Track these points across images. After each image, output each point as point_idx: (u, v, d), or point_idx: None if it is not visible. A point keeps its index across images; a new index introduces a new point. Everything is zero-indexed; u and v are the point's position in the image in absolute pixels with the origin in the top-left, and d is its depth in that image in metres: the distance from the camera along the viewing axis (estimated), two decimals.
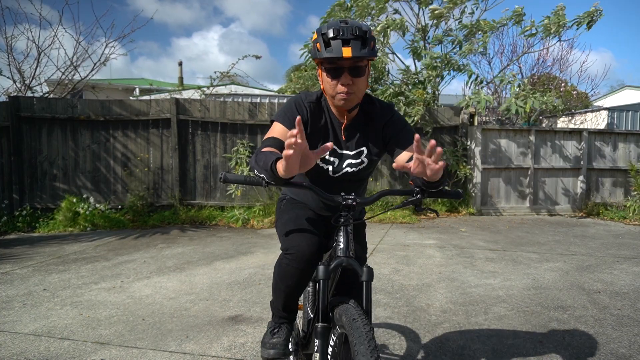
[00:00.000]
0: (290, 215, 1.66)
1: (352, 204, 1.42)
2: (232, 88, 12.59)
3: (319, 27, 1.46)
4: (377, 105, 1.61)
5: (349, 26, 1.38)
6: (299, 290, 1.62)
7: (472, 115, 7.49)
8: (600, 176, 7.71)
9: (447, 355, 2.37)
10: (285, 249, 1.56)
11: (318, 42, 1.42)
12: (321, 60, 1.44)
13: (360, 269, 1.36)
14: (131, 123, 6.78)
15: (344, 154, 1.60)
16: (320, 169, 1.61)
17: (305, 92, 1.61)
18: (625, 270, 4.04)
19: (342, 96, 1.45)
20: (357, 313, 1.26)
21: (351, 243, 1.42)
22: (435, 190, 1.38)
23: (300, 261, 1.51)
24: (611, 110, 10.24)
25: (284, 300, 1.66)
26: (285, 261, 1.55)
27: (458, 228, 6.15)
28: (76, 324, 2.82)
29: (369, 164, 1.63)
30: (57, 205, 6.39)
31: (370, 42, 1.42)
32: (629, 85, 17.57)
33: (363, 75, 1.47)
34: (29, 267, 4.23)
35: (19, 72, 7.76)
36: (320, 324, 1.35)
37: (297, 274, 1.54)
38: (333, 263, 1.38)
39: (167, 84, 17.35)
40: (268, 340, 1.67)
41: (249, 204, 6.79)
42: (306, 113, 1.55)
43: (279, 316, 1.72)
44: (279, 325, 1.71)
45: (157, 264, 4.32)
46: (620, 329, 2.72)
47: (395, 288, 3.51)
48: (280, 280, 1.61)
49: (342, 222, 1.43)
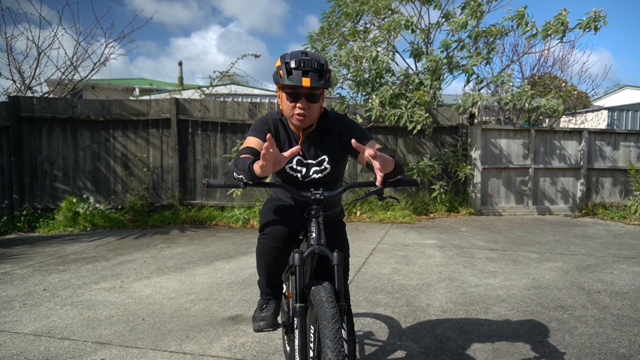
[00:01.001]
0: (269, 207, 1.92)
1: (320, 198, 1.63)
2: (232, 88, 12.59)
3: (283, 55, 1.69)
4: (331, 117, 1.85)
5: (309, 59, 1.61)
6: (278, 267, 1.86)
7: (472, 115, 7.49)
8: (600, 176, 7.71)
9: (447, 355, 2.37)
10: (261, 231, 1.82)
11: (281, 70, 1.64)
12: (283, 85, 1.66)
13: (331, 254, 1.54)
14: (131, 123, 6.78)
15: (309, 163, 1.85)
16: (291, 176, 1.86)
17: (270, 112, 1.89)
18: (625, 270, 4.04)
19: (298, 117, 1.69)
20: (325, 293, 1.43)
21: (322, 232, 1.62)
22: (392, 180, 1.61)
23: (275, 239, 1.77)
24: (611, 110, 10.25)
25: (267, 277, 1.91)
26: (262, 241, 1.81)
27: (458, 228, 6.15)
28: (76, 324, 2.82)
29: (332, 169, 1.86)
30: (57, 205, 6.39)
31: (326, 75, 1.65)
32: (628, 85, 17.57)
33: (318, 102, 1.70)
34: (29, 267, 4.23)
35: (18, 72, 7.77)
36: (298, 304, 1.52)
37: (274, 251, 1.79)
38: (307, 251, 1.57)
39: (167, 84, 17.34)
40: (258, 315, 1.92)
41: (249, 204, 6.79)
42: (272, 128, 1.82)
43: (266, 293, 1.98)
44: (266, 301, 1.97)
45: (157, 264, 4.32)
46: (620, 328, 2.72)
47: (395, 288, 3.51)
48: (261, 259, 1.86)
49: (313, 215, 1.64)
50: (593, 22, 6.88)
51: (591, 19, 6.88)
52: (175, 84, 15.99)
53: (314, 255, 1.61)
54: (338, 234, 1.93)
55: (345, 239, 1.97)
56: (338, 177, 1.95)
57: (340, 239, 1.93)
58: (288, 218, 1.83)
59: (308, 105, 1.67)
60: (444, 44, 7.52)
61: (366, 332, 2.67)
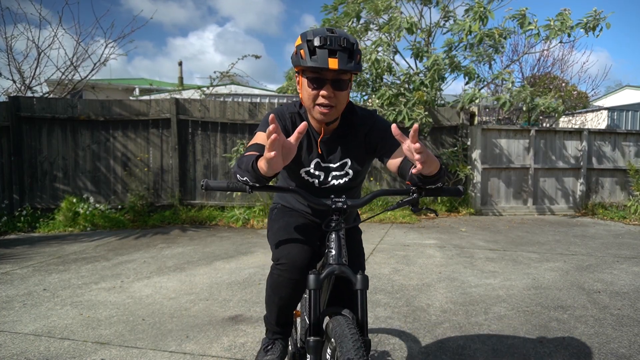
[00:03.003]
0: (281, 224, 1.61)
1: (343, 207, 1.36)
2: (232, 88, 12.59)
3: (304, 32, 1.38)
4: (358, 113, 1.56)
5: (337, 36, 1.32)
6: (292, 302, 1.56)
7: (472, 115, 7.49)
8: (600, 176, 7.71)
9: (447, 355, 2.37)
10: (276, 260, 1.50)
11: (302, 49, 1.34)
12: (304, 68, 1.37)
13: (354, 276, 1.29)
14: (131, 123, 6.78)
15: (329, 167, 1.56)
16: (306, 182, 1.57)
17: (286, 104, 1.57)
18: (625, 270, 4.04)
19: (321, 109, 1.40)
20: (347, 327, 1.18)
21: (344, 249, 1.34)
22: (432, 188, 1.33)
23: (293, 271, 1.45)
24: (611, 110, 10.25)
25: (277, 313, 1.59)
26: (277, 272, 1.49)
27: (458, 228, 6.15)
28: (76, 324, 2.82)
29: (355, 175, 1.59)
30: (57, 205, 6.39)
31: (357, 56, 1.36)
32: (629, 85, 17.57)
33: (345, 89, 1.41)
34: (29, 267, 4.23)
35: (18, 72, 7.77)
36: (312, 337, 1.28)
37: (290, 285, 1.48)
38: (324, 271, 1.30)
39: (166, 84, 17.34)
40: (262, 358, 1.61)
41: (249, 204, 6.79)
42: (288, 122, 1.52)
43: (273, 331, 1.65)
44: (272, 341, 1.64)
45: (157, 264, 4.32)
46: (620, 329, 2.72)
47: (395, 288, 3.51)
48: (273, 293, 1.55)
49: (334, 227, 1.36)
50: (594, 22, 6.87)
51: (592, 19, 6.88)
52: (174, 84, 15.99)
53: (331, 276, 1.33)
54: (354, 243, 1.62)
55: (362, 249, 1.69)
56: (359, 183, 1.68)
57: (357, 249, 1.64)
58: (308, 239, 1.51)
59: (334, 94, 1.38)
60: (447, 43, 7.52)
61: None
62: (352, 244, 1.57)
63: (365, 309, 1.27)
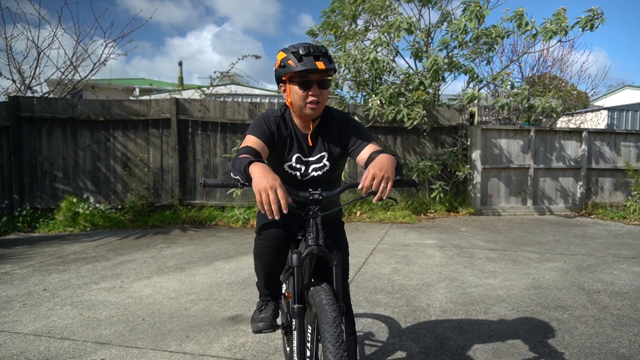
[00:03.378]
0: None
1: (319, 198, 1.61)
2: (232, 88, 12.59)
3: (285, 48, 1.67)
4: (333, 113, 1.82)
5: (316, 45, 1.64)
6: (275, 268, 1.87)
7: (472, 115, 7.49)
8: (600, 176, 7.71)
9: (447, 355, 2.38)
10: (258, 232, 1.85)
11: (290, 59, 1.63)
12: (292, 75, 1.64)
13: (329, 255, 1.53)
14: (131, 123, 6.78)
15: (309, 160, 1.82)
16: (290, 175, 1.83)
17: (271, 109, 1.86)
18: (625, 270, 4.04)
19: (312, 106, 1.67)
20: (325, 295, 1.43)
21: (320, 233, 1.59)
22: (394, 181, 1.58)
23: (272, 240, 1.80)
24: (611, 110, 10.25)
25: (265, 278, 1.90)
26: (259, 242, 1.84)
27: (458, 228, 6.15)
28: (76, 324, 2.82)
29: (332, 167, 1.83)
30: (57, 205, 6.39)
31: (332, 60, 1.68)
32: (629, 85, 17.57)
33: (328, 87, 1.70)
34: (29, 267, 4.23)
35: (18, 72, 7.76)
36: (297, 305, 1.51)
37: (271, 252, 1.81)
38: (305, 252, 1.56)
39: (166, 84, 17.34)
40: (256, 316, 1.91)
41: (249, 204, 6.79)
42: (273, 125, 1.78)
43: (264, 294, 1.97)
44: (265, 302, 1.96)
45: (157, 264, 4.32)
46: (620, 329, 2.72)
47: (395, 288, 3.51)
48: (258, 260, 1.87)
49: (311, 215, 1.61)
50: (591, 21, 6.89)
51: (589, 18, 6.89)
52: (174, 84, 15.99)
53: (312, 256, 1.60)
54: (337, 234, 1.91)
55: (344, 238, 1.96)
56: (337, 176, 1.93)
57: (340, 239, 1.92)
58: (285, 219, 1.71)
59: (320, 92, 1.67)
60: (442, 42, 7.54)
61: (366, 332, 2.67)
62: (336, 235, 1.88)
63: (339, 281, 1.50)
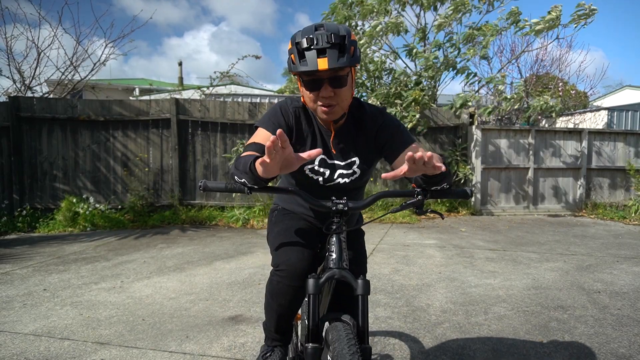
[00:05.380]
0: (281, 228, 1.56)
1: (344, 209, 1.31)
2: (232, 88, 12.59)
3: (294, 34, 1.33)
4: (367, 110, 1.50)
5: (324, 33, 1.25)
6: (292, 310, 1.50)
7: (471, 115, 7.49)
8: (600, 176, 7.71)
9: (447, 355, 2.37)
10: (275, 265, 1.46)
11: (292, 54, 1.29)
12: (296, 73, 1.32)
13: (354, 281, 1.24)
14: (131, 123, 6.78)
15: (335, 164, 1.50)
16: (311, 179, 1.51)
17: (292, 97, 1.51)
18: (625, 270, 4.04)
19: (324, 109, 1.36)
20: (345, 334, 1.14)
21: (345, 253, 1.30)
22: (438, 190, 1.27)
23: (292, 278, 1.40)
24: (611, 110, 10.24)
25: (277, 320, 1.53)
26: (277, 278, 1.44)
27: (458, 228, 6.15)
28: (76, 324, 2.82)
29: (362, 174, 1.53)
30: (57, 205, 6.39)
31: (350, 48, 1.28)
32: (628, 85, 17.58)
33: (346, 85, 1.34)
34: (29, 267, 4.22)
35: (18, 72, 7.76)
36: (311, 344, 1.23)
37: (290, 291, 1.43)
38: (324, 276, 1.26)
39: (165, 84, 17.35)
40: None
41: (249, 204, 6.79)
42: (291, 118, 1.46)
43: (272, 338, 1.60)
44: (271, 348, 1.58)
45: (157, 264, 4.32)
46: (620, 329, 2.72)
47: (395, 288, 3.51)
48: (272, 299, 1.49)
49: (334, 230, 1.31)
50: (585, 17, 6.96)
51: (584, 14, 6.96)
52: (173, 83, 15.99)
53: (332, 280, 1.29)
54: (356, 246, 1.56)
55: (364, 251, 1.62)
56: (364, 183, 1.61)
57: (359, 251, 1.57)
58: (309, 243, 1.46)
59: (334, 92, 1.32)
60: (436, 44, 7.59)
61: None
62: (354, 247, 1.53)
63: (366, 314, 1.23)
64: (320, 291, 1.25)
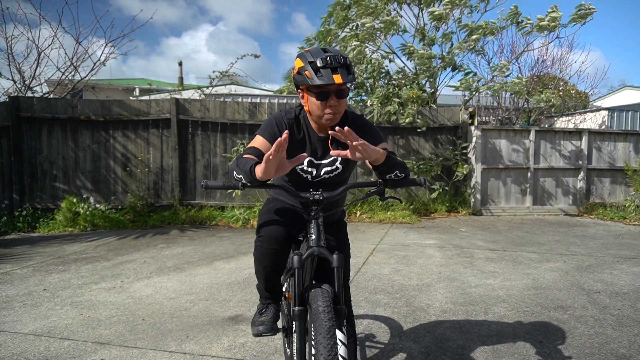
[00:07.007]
0: (268, 208, 1.91)
1: (320, 199, 1.62)
2: (232, 88, 12.59)
3: (302, 54, 1.64)
4: (349, 116, 1.82)
5: (334, 55, 1.59)
6: (276, 270, 1.83)
7: (471, 115, 7.50)
8: (600, 176, 7.71)
9: (447, 355, 2.38)
10: (257, 233, 1.82)
11: (307, 70, 1.60)
12: (310, 86, 1.62)
13: (331, 256, 1.52)
14: (131, 123, 6.78)
15: (321, 164, 1.81)
16: (300, 177, 1.82)
17: (285, 110, 1.82)
18: (625, 270, 4.04)
19: (329, 116, 1.66)
20: (321, 295, 1.43)
21: (322, 234, 1.60)
22: (393, 178, 1.61)
23: (272, 241, 1.76)
24: (611, 110, 10.24)
25: (265, 280, 1.87)
26: (259, 243, 1.80)
27: (458, 228, 6.15)
28: (76, 324, 2.82)
29: (343, 169, 1.83)
30: (57, 205, 6.39)
31: (351, 68, 1.64)
32: (628, 85, 17.58)
33: (346, 97, 1.68)
34: (29, 267, 4.23)
35: (19, 72, 7.77)
36: (297, 307, 1.50)
37: (271, 254, 1.77)
38: (306, 253, 1.55)
39: (165, 84, 17.35)
40: (257, 319, 1.89)
41: (249, 204, 6.79)
42: (285, 128, 1.74)
43: (265, 297, 1.94)
44: (265, 305, 1.93)
45: (157, 264, 4.32)
46: (620, 329, 2.72)
47: (395, 288, 3.51)
48: (258, 262, 1.83)
49: (312, 216, 1.62)
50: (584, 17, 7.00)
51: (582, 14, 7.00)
52: (173, 83, 15.99)
53: (313, 257, 1.59)
54: (339, 235, 1.90)
55: (346, 239, 1.95)
56: (347, 177, 1.92)
57: (341, 239, 1.91)
58: (286, 219, 1.81)
59: (338, 102, 1.65)
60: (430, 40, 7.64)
61: (366, 333, 2.67)
62: (338, 236, 1.88)
63: (341, 283, 1.50)
64: (303, 265, 1.54)
